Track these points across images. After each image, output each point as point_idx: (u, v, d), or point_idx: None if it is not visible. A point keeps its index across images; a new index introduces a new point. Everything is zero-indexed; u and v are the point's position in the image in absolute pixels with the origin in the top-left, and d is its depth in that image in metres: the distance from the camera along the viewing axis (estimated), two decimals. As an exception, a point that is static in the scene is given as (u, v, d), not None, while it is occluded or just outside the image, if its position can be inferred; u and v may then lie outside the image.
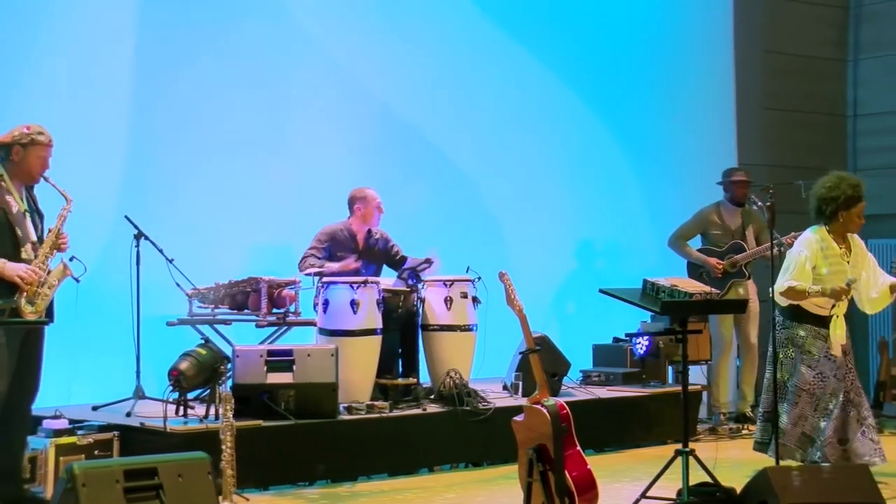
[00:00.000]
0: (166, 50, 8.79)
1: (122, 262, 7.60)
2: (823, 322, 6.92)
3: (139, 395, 7.43)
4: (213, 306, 8.09)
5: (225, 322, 8.11)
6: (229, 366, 7.17)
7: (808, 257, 6.90)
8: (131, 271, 7.54)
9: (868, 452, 6.75)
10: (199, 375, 7.03)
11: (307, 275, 8.06)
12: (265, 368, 7.13)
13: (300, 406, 7.12)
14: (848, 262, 6.94)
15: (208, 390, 7.17)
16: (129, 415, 7.11)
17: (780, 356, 6.94)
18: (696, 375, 9.38)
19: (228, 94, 9.00)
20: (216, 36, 9.02)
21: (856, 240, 7.07)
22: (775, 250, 7.43)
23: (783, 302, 6.91)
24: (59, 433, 6.61)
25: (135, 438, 6.74)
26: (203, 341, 7.57)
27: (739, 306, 7.59)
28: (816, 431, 6.87)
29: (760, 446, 7.10)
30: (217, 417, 6.67)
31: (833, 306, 6.89)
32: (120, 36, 8.65)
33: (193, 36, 8.93)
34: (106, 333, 8.09)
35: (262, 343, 8.03)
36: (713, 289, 6.74)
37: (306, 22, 9.46)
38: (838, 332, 6.92)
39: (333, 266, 8.05)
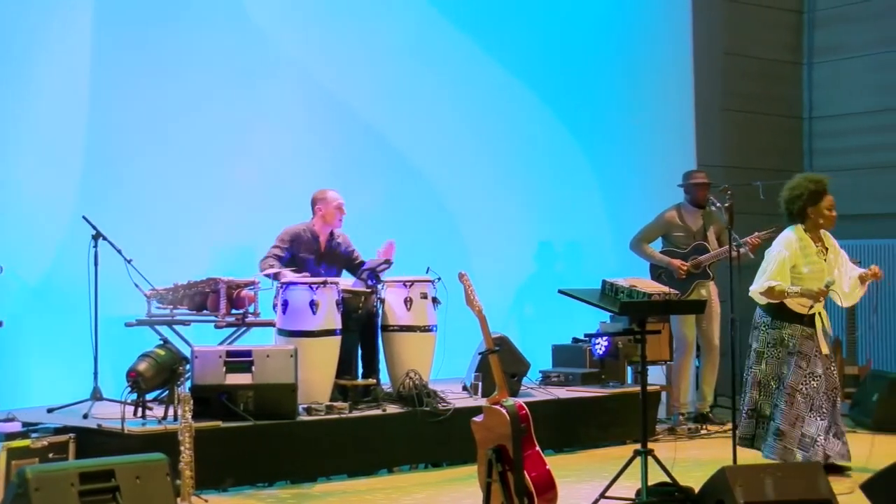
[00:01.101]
0: (125, 49, 8.74)
1: (80, 262, 7.54)
2: (809, 321, 7.05)
3: (96, 396, 7.38)
4: (171, 307, 8.04)
5: (184, 323, 8.07)
6: (188, 367, 7.15)
7: (787, 257, 7.05)
8: (89, 272, 7.48)
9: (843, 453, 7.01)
10: (157, 376, 6.99)
11: (265, 275, 8.03)
12: (224, 369, 7.09)
13: (259, 407, 7.09)
14: (825, 260, 7.07)
15: (167, 391, 7.13)
16: (86, 416, 7.06)
17: (766, 355, 7.12)
18: (656, 375, 9.44)
19: (188, 94, 8.95)
20: (176, 36, 8.97)
21: (829, 237, 7.18)
22: (735, 251, 7.50)
23: (762, 301, 7.05)
24: (11, 436, 6.49)
25: (92, 441, 6.68)
26: (162, 342, 7.54)
27: (698, 307, 7.65)
28: (818, 432, 7.00)
29: (744, 441, 7.24)
30: (176, 418, 6.65)
31: (811, 306, 7.01)
32: (77, 35, 8.59)
33: (152, 36, 8.87)
34: (62, 334, 8.03)
35: (221, 344, 7.99)
36: (675, 290, 6.78)
37: (266, 24, 9.43)
38: (824, 330, 7.08)
39: (291, 275, 8.03)
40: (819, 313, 7.10)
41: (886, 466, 6.07)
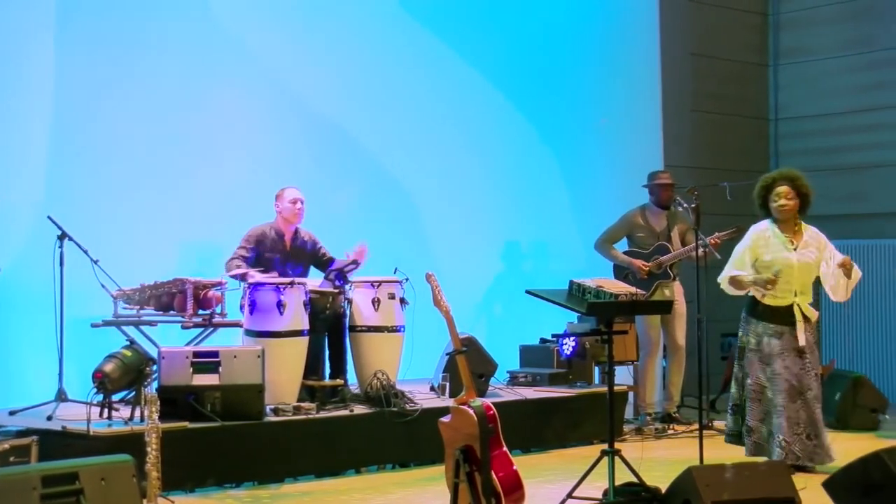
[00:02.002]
0: (90, 49, 8.69)
1: (45, 262, 7.50)
2: (782, 317, 7.14)
3: (61, 398, 7.33)
4: (138, 307, 8.00)
5: (150, 323, 8.04)
6: (155, 367, 7.12)
7: (747, 247, 7.28)
8: (54, 272, 7.44)
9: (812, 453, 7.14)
10: (124, 377, 6.96)
11: (231, 276, 8.01)
12: (191, 370, 7.07)
13: (226, 408, 7.07)
14: (794, 249, 7.14)
15: (133, 392, 7.10)
16: (49, 418, 7.01)
17: (745, 352, 7.30)
18: (623, 376, 9.47)
19: (154, 94, 8.91)
20: (142, 36, 8.92)
21: (810, 230, 7.25)
22: (700, 251, 7.55)
23: (730, 291, 7.25)
24: (-28, 440, 6.43)
25: (56, 443, 6.61)
26: (128, 343, 7.51)
27: (665, 307, 7.70)
28: (778, 430, 7.13)
29: (730, 437, 7.40)
30: (142, 419, 6.61)
31: (794, 295, 7.18)
32: (41, 32, 8.54)
33: (117, 34, 8.83)
34: (26, 335, 7.98)
35: (187, 345, 7.96)
36: (639, 290, 6.81)
37: (233, 23, 9.40)
38: (799, 324, 7.15)
39: (259, 276, 8.01)
40: (797, 305, 7.19)
41: (847, 464, 6.13)
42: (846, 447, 7.32)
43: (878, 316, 11.32)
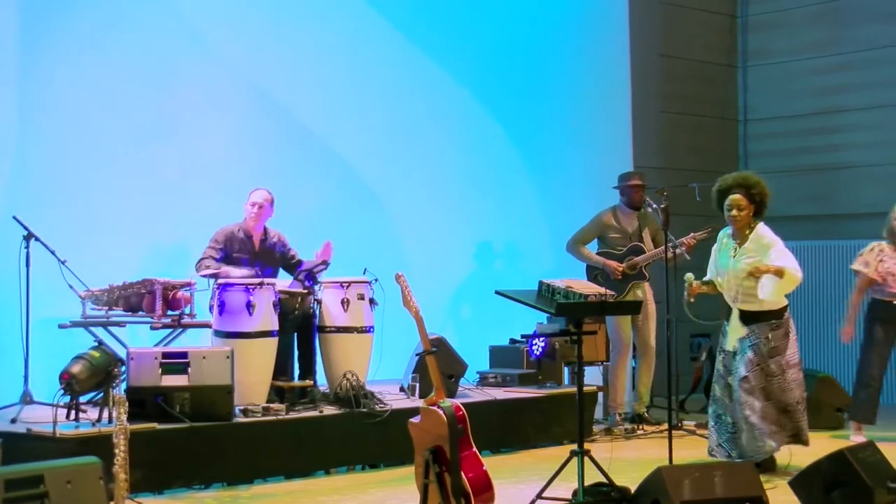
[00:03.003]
0: (55, 49, 8.64)
1: (11, 263, 7.44)
2: (728, 317, 7.33)
3: (26, 400, 7.28)
4: (106, 308, 7.96)
5: (119, 324, 7.99)
6: (123, 368, 7.08)
7: (713, 250, 7.44)
8: (20, 273, 7.38)
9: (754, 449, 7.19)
10: (91, 378, 6.92)
11: (203, 276, 7.98)
12: (160, 371, 7.05)
13: (195, 409, 7.05)
14: (733, 257, 7.19)
15: (101, 394, 7.06)
16: (14, 421, 6.96)
17: None
18: (593, 376, 9.49)
19: (122, 93, 8.87)
20: (109, 36, 8.88)
21: (756, 233, 7.27)
22: (671, 252, 7.59)
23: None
24: (-67, 444, 6.35)
25: (21, 446, 6.52)
26: (97, 344, 7.46)
27: (634, 307, 7.72)
28: (709, 423, 7.33)
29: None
30: (110, 421, 6.57)
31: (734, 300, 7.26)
32: (4, 29, 8.47)
33: (84, 32, 8.78)
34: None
35: (156, 345, 7.92)
36: (612, 291, 6.84)
37: (202, 22, 9.37)
38: (732, 325, 7.25)
39: (232, 271, 7.97)
40: (736, 309, 7.26)
41: (812, 463, 6.20)
42: (812, 446, 7.36)
43: (842, 315, 11.38)
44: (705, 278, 7.39)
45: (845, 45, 11.88)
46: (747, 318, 7.25)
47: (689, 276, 7.26)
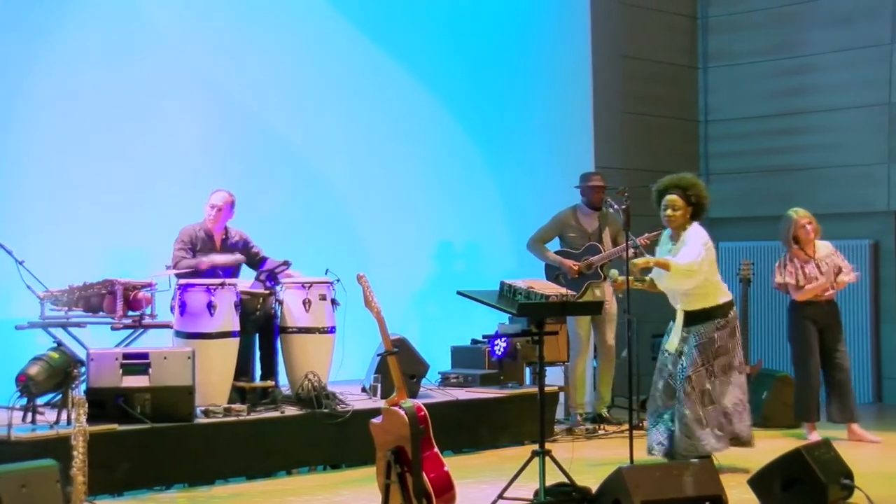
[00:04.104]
0: (14, 46, 8.57)
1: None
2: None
3: (-19, 403, 7.21)
4: (66, 309, 7.90)
5: (79, 325, 7.94)
6: (83, 369, 7.03)
7: (655, 253, 7.46)
8: (-23, 273, 7.33)
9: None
10: (50, 380, 6.86)
11: (182, 269, 7.93)
12: (120, 371, 7.02)
13: (156, 409, 7.02)
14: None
15: (60, 395, 7.00)
16: (-34, 424, 6.89)
17: None
18: (554, 376, 9.51)
19: (82, 95, 8.82)
20: (65, 31, 8.82)
21: (686, 233, 7.28)
22: (630, 252, 7.61)
23: None
24: None
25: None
26: (55, 345, 7.40)
27: (595, 308, 7.75)
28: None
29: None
30: (69, 423, 6.53)
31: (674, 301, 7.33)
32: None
33: (46, 32, 8.72)
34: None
35: (117, 346, 7.88)
36: (570, 291, 6.85)
37: (160, 22, 9.33)
38: (676, 325, 7.32)
39: (216, 258, 7.94)
40: (681, 310, 7.30)
41: (771, 461, 6.27)
42: (771, 445, 7.43)
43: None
44: (647, 276, 7.40)
45: (802, 48, 11.98)
46: (691, 318, 7.26)
47: (614, 272, 7.29)
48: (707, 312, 7.27)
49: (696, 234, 7.25)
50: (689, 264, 7.08)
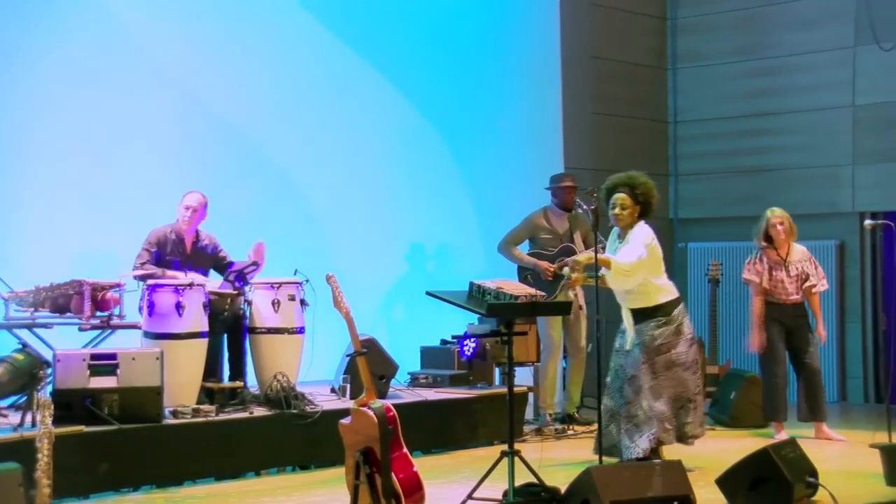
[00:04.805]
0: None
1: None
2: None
3: (-59, 406, 7.15)
4: (32, 310, 7.85)
5: (45, 326, 7.89)
6: (49, 371, 6.99)
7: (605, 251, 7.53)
8: (-59, 274, 7.28)
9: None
10: (14, 382, 6.81)
11: (136, 277, 7.90)
12: (88, 372, 6.99)
13: (124, 410, 6.99)
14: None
15: (25, 397, 6.96)
16: (-69, 427, 6.84)
17: None
18: (523, 377, 9.52)
19: (51, 94, 8.76)
20: (39, 33, 8.76)
21: (631, 233, 7.26)
22: (600, 253, 7.63)
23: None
24: None
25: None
26: (20, 346, 7.35)
27: (564, 308, 7.76)
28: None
29: None
30: (34, 425, 6.48)
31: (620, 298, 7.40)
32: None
33: (15, 31, 8.66)
34: None
35: (85, 347, 7.83)
36: (542, 292, 6.86)
37: (131, 22, 9.28)
38: (625, 324, 7.36)
39: (167, 273, 7.91)
40: (626, 308, 7.33)
41: (739, 460, 6.31)
42: (739, 445, 7.47)
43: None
44: (600, 273, 7.42)
45: (770, 49, 12.05)
46: (636, 315, 7.27)
47: (566, 270, 7.31)
48: (648, 311, 7.27)
49: (640, 234, 7.25)
50: (626, 264, 7.08)
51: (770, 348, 8.93)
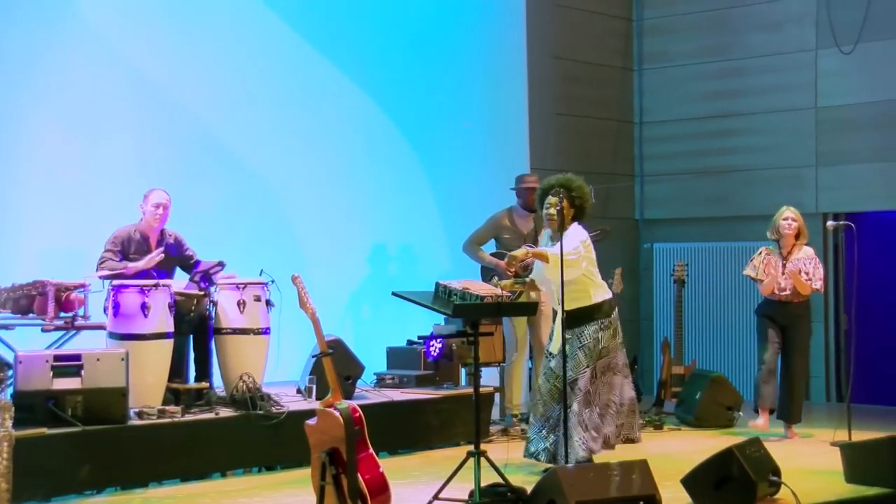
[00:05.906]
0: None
1: None
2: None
3: None
4: (-7, 311, 7.80)
5: (7, 327, 7.82)
6: (10, 372, 6.94)
7: None
8: None
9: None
10: (-26, 384, 6.77)
11: (104, 277, 7.85)
12: (51, 374, 6.93)
13: (88, 412, 6.95)
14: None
15: (-14, 399, 6.91)
16: None
17: None
18: (490, 377, 9.53)
19: (14, 92, 8.71)
20: (5, 35, 8.70)
21: (566, 237, 7.20)
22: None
23: None
24: None
25: None
26: (-20, 348, 7.31)
27: (530, 308, 7.77)
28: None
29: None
30: (-7, 427, 6.44)
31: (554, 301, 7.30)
32: None
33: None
34: None
35: (48, 348, 7.77)
36: (505, 292, 6.87)
37: (99, 23, 9.23)
38: (558, 327, 7.20)
39: (138, 264, 7.87)
40: (561, 311, 7.13)
41: (704, 460, 6.35)
42: (704, 444, 7.51)
43: (735, 316, 11.62)
44: (528, 277, 7.40)
45: (735, 51, 12.13)
46: (573, 318, 7.12)
47: (495, 279, 7.26)
48: (587, 313, 7.24)
49: (576, 233, 7.25)
50: (567, 253, 6.96)
51: (760, 341, 9.05)
